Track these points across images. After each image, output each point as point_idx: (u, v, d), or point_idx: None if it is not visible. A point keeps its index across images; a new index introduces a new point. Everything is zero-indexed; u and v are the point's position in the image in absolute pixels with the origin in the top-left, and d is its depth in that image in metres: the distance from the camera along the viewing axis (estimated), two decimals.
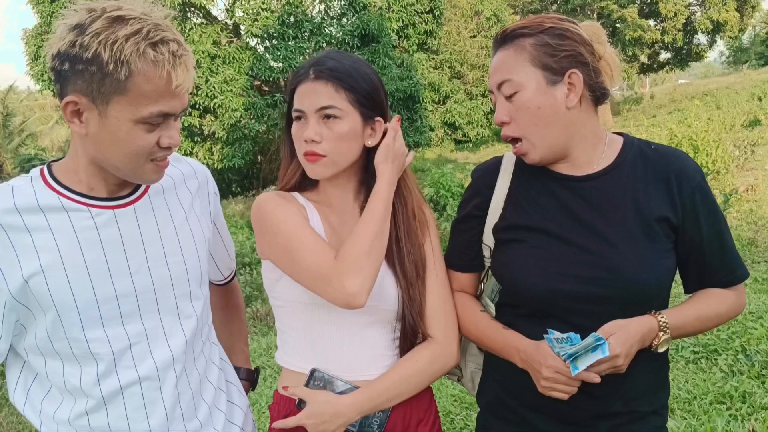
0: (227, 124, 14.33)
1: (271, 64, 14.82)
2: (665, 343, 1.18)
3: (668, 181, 1.21)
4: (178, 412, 1.17)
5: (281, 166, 1.37)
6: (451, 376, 1.45)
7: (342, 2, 15.79)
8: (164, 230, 1.16)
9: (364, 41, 15.06)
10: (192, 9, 15.03)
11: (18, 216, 1.03)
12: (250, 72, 14.64)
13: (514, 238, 1.26)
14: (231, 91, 14.22)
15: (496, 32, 1.27)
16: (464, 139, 24.64)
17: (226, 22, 15.78)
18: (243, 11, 14.72)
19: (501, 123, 1.23)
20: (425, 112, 17.78)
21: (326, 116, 1.22)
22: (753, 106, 16.97)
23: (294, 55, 14.16)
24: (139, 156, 1.04)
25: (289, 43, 14.35)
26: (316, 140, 1.22)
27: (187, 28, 14.34)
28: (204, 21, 15.66)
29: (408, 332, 1.28)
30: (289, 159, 1.33)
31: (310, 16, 15.28)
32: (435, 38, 19.27)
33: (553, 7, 27.72)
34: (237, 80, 14.37)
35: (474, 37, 24.73)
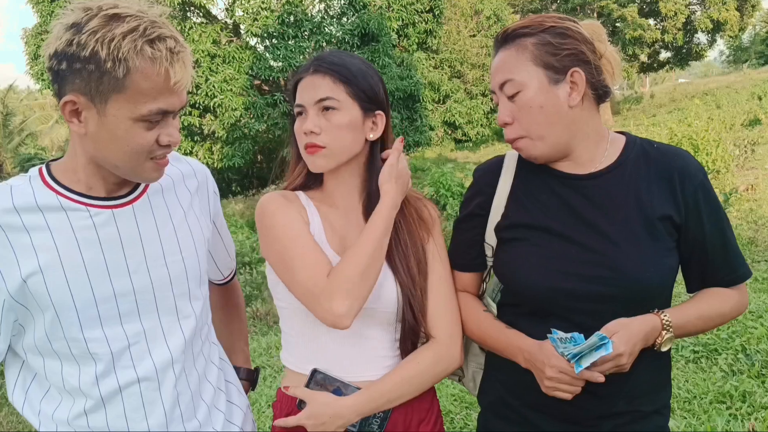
0: (227, 123, 14.33)
1: (271, 63, 14.81)
2: (668, 342, 1.18)
3: (671, 180, 1.21)
4: (177, 412, 1.17)
5: (289, 167, 1.38)
6: (453, 377, 1.45)
7: (342, 1, 15.78)
8: (163, 230, 1.16)
9: (364, 40, 15.06)
10: (192, 8, 15.02)
11: (16, 215, 1.03)
12: (250, 71, 14.63)
13: (517, 236, 1.26)
14: (231, 90, 14.22)
15: (496, 31, 1.28)
16: (464, 138, 24.64)
17: (225, 22, 15.77)
18: (243, 10, 14.70)
19: (504, 124, 1.23)
20: (425, 112, 17.77)
21: (325, 108, 1.23)
22: (753, 105, 16.95)
23: (294, 54, 14.14)
24: (138, 154, 1.03)
25: (289, 43, 14.34)
26: (315, 132, 1.23)
27: (187, 28, 14.33)
28: (204, 20, 15.65)
29: (408, 333, 1.28)
30: (296, 159, 1.34)
31: (310, 15, 15.26)
32: (435, 37, 19.25)
33: (553, 6, 27.71)
34: (237, 79, 14.37)
35: (474, 36, 24.72)
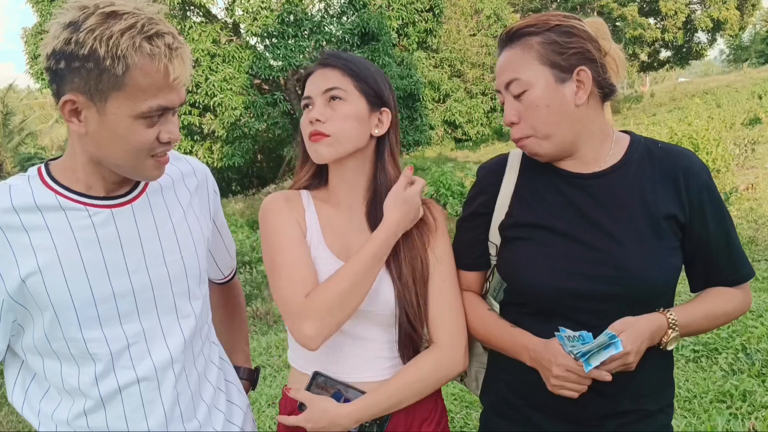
0: (227, 122, 14.33)
1: (271, 62, 14.80)
2: (674, 341, 1.17)
3: (675, 179, 1.20)
4: (177, 412, 1.16)
5: (297, 167, 1.39)
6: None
7: (342, 1, 15.77)
8: (162, 229, 1.15)
9: (364, 39, 15.05)
10: (192, 7, 15.00)
11: (15, 215, 1.02)
12: (249, 70, 14.63)
13: (521, 235, 1.25)
14: (231, 89, 14.21)
15: (496, 30, 1.28)
16: (464, 137, 24.64)
17: (225, 21, 15.76)
18: (243, 10, 14.69)
19: (510, 123, 1.22)
20: (425, 111, 17.77)
21: (332, 98, 1.25)
22: (753, 104, 16.96)
23: (294, 53, 14.14)
24: (139, 152, 1.03)
25: (289, 42, 14.33)
26: (320, 120, 1.24)
27: (187, 27, 14.31)
28: (204, 19, 15.63)
29: (405, 337, 1.27)
30: (303, 159, 1.35)
31: (310, 14, 15.25)
32: (435, 37, 19.26)
33: (553, 5, 27.70)
34: (237, 79, 14.36)
35: (474, 35, 24.70)
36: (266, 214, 1.28)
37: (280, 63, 14.49)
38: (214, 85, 14.08)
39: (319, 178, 1.36)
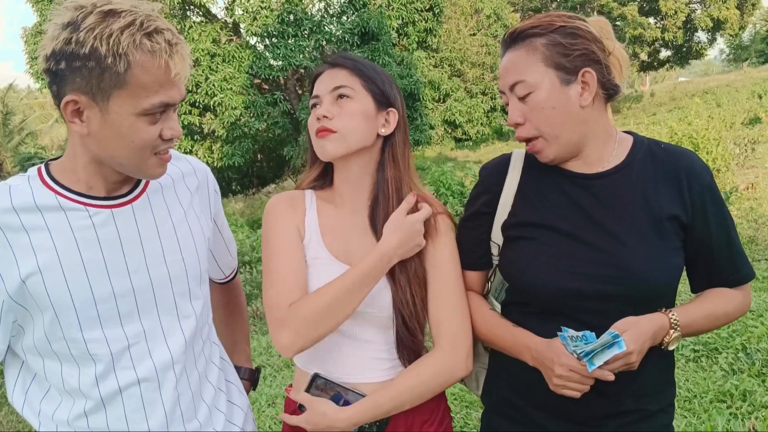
0: (227, 122, 14.31)
1: (271, 62, 14.78)
2: (675, 341, 1.18)
3: (678, 180, 1.21)
4: (178, 413, 1.16)
5: (306, 168, 1.40)
6: None
7: (342, 0, 15.76)
8: (162, 228, 1.15)
9: (364, 39, 15.04)
10: (191, 7, 14.99)
11: (15, 215, 1.02)
12: (249, 70, 14.61)
13: (524, 235, 1.25)
14: (231, 89, 14.19)
15: (496, 30, 1.27)
16: (464, 137, 24.63)
17: (225, 21, 15.74)
18: (242, 9, 14.67)
19: (515, 124, 1.22)
20: (425, 110, 17.74)
21: (339, 96, 1.26)
22: (753, 103, 16.94)
23: (294, 53, 14.12)
24: (143, 150, 1.03)
25: (289, 42, 14.31)
26: (327, 116, 1.24)
27: (187, 26, 14.29)
28: (203, 19, 15.62)
29: (403, 338, 1.26)
30: (312, 160, 1.36)
31: (310, 14, 15.23)
32: (435, 36, 19.23)
33: (553, 4, 27.68)
34: (237, 78, 14.34)
35: (474, 35, 24.68)
36: (268, 216, 1.30)
37: (280, 63, 14.47)
38: (214, 85, 14.06)
39: (324, 179, 1.37)
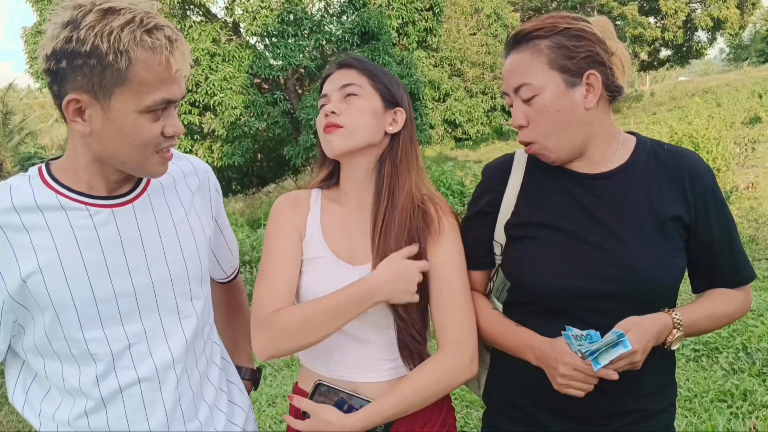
0: (227, 122, 14.30)
1: (271, 62, 14.77)
2: (678, 341, 1.18)
3: (681, 181, 1.21)
4: (179, 412, 1.16)
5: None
6: None
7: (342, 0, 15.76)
8: (163, 228, 1.15)
9: (364, 39, 15.03)
10: (191, 7, 14.98)
11: (16, 215, 1.02)
12: (249, 70, 14.60)
13: (527, 234, 1.25)
14: (231, 88, 14.18)
15: (496, 30, 1.27)
16: (464, 136, 24.62)
17: (225, 20, 15.73)
18: (242, 9, 14.66)
19: (519, 126, 1.22)
20: (425, 110, 17.73)
21: (348, 94, 1.27)
22: (753, 103, 16.93)
23: (294, 53, 14.11)
24: (146, 147, 1.03)
25: (289, 41, 14.30)
26: (335, 112, 1.26)
27: (187, 26, 14.28)
28: (203, 19, 15.61)
29: (404, 339, 1.26)
30: (321, 160, 1.37)
31: (310, 13, 15.22)
32: (435, 36, 19.20)
33: (553, 4, 27.67)
34: (237, 78, 14.33)
35: (474, 34, 24.67)
36: (271, 215, 1.32)
37: (280, 62, 14.46)
38: (214, 85, 14.05)
39: (332, 179, 1.37)
